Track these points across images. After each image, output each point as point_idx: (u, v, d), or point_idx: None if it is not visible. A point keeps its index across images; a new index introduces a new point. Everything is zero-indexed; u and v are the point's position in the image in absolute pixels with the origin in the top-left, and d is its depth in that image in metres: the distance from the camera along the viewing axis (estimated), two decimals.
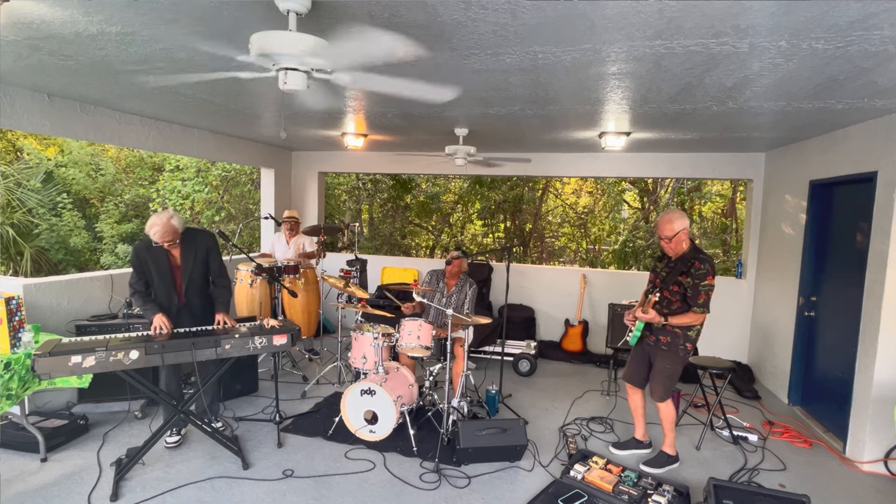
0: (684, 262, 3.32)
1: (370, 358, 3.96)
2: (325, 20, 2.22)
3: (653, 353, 3.54)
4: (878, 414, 3.65)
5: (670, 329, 3.39)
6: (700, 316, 3.26)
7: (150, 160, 11.66)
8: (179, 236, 3.41)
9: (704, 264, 3.25)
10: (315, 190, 7.50)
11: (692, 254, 3.33)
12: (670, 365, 3.45)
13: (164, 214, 3.33)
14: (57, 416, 3.75)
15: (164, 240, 3.32)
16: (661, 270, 3.51)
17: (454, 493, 3.19)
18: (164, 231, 3.29)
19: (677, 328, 3.36)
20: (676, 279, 3.34)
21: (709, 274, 3.23)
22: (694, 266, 3.26)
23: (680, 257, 3.38)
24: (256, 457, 3.51)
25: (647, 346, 3.57)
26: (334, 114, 4.43)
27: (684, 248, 3.38)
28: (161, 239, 3.30)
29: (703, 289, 3.23)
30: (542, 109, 3.87)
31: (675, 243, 3.36)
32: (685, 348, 3.40)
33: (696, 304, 3.25)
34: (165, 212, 3.37)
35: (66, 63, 3.11)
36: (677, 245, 3.37)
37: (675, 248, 3.39)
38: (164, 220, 3.30)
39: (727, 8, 1.98)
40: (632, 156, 6.21)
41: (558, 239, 13.55)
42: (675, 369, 3.46)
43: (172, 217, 3.34)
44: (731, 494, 2.98)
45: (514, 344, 5.87)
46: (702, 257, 3.29)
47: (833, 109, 3.55)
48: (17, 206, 9.25)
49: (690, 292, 3.27)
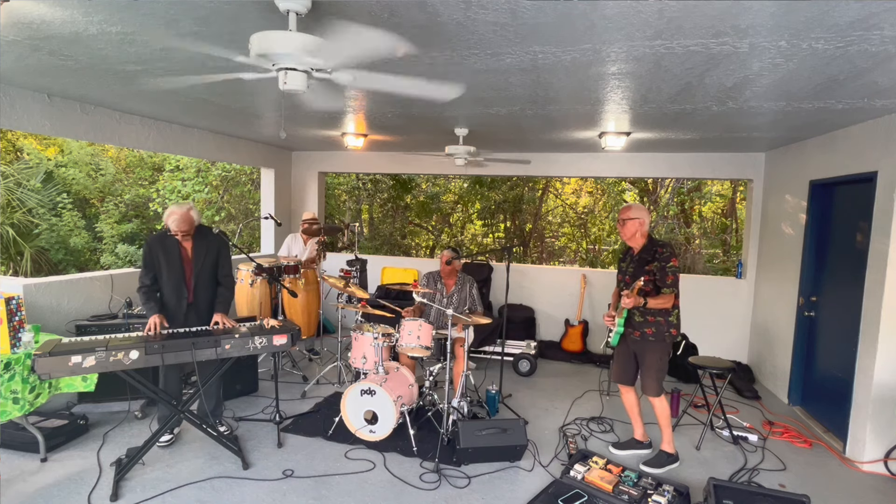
0: (647, 252, 3.55)
1: (370, 358, 3.96)
2: (326, 20, 2.21)
3: (640, 349, 3.59)
4: (878, 414, 3.65)
5: (652, 320, 3.48)
6: (670, 297, 3.42)
7: (150, 160, 11.65)
8: (194, 230, 3.50)
9: (666, 248, 3.51)
10: (315, 190, 7.50)
11: (652, 243, 3.57)
12: (660, 356, 3.53)
13: (185, 205, 3.45)
14: (57, 416, 3.74)
15: (181, 229, 3.40)
16: (627, 267, 3.66)
17: (454, 493, 3.19)
18: (182, 219, 3.38)
19: (659, 316, 3.47)
20: (644, 269, 3.49)
21: (672, 256, 3.46)
22: (657, 252, 3.50)
23: (642, 249, 3.58)
24: (256, 457, 3.51)
25: (633, 343, 3.62)
26: (334, 114, 4.43)
27: (643, 241, 3.58)
28: (178, 227, 3.38)
29: (670, 269, 3.43)
30: (542, 109, 3.87)
31: (629, 229, 3.57)
32: (670, 334, 3.49)
33: (666, 284, 3.41)
34: (185, 202, 3.45)
35: (66, 63, 3.11)
36: (631, 232, 3.57)
37: (629, 234, 3.59)
38: (184, 209, 3.42)
39: (727, 8, 1.98)
40: (632, 156, 6.21)
41: (558, 239, 13.55)
42: (664, 360, 3.56)
43: (191, 208, 3.46)
44: (731, 494, 2.98)
45: (514, 344, 5.87)
46: (661, 243, 3.55)
47: (833, 109, 3.55)
48: (17, 206, 9.25)
49: (659, 275, 3.44)
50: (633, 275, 3.54)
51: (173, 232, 3.40)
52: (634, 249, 3.63)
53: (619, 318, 3.52)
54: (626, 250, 3.76)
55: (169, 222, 3.39)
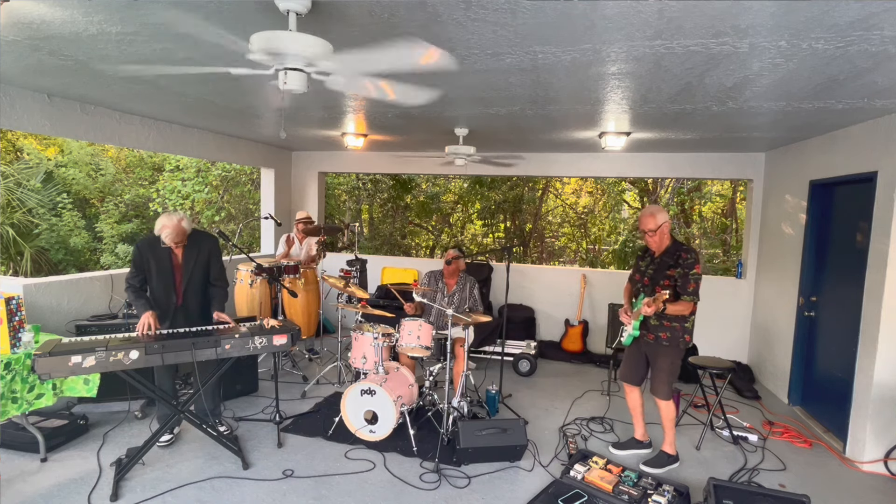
0: (670, 255, 3.44)
1: (370, 358, 3.96)
2: (326, 20, 2.21)
3: (652, 352, 3.55)
4: (878, 414, 3.65)
5: (668, 324, 3.42)
6: (690, 304, 3.34)
7: (150, 160, 11.65)
8: (186, 238, 3.46)
9: (690, 254, 3.38)
10: (315, 190, 7.50)
11: (676, 247, 3.45)
12: (672, 360, 3.49)
13: (175, 216, 3.37)
14: (57, 416, 3.74)
15: (175, 241, 3.37)
16: (646, 268, 3.57)
17: (454, 493, 3.19)
18: (175, 232, 3.35)
19: (675, 322, 3.41)
20: (665, 273, 3.41)
21: (696, 263, 3.35)
22: (681, 257, 3.38)
23: (664, 252, 3.48)
24: (256, 457, 3.51)
25: (646, 346, 3.58)
26: (334, 113, 4.43)
27: (667, 243, 3.48)
28: (172, 241, 3.36)
29: (693, 277, 3.33)
30: (542, 109, 3.87)
31: (658, 236, 3.45)
32: (684, 340, 3.44)
33: (687, 292, 3.33)
34: (175, 213, 3.40)
35: (66, 63, 3.11)
36: (661, 238, 3.46)
37: (658, 242, 3.47)
38: (175, 222, 3.35)
39: (727, 8, 1.98)
40: (632, 156, 6.21)
41: (558, 239, 13.55)
42: (676, 364, 3.51)
43: (183, 219, 3.40)
44: (731, 494, 2.98)
45: (514, 344, 5.87)
46: (686, 248, 3.43)
47: (833, 109, 3.55)
48: (17, 206, 9.25)
49: (680, 282, 3.36)
50: (652, 277, 3.47)
51: (167, 245, 3.38)
52: (656, 251, 3.53)
53: (635, 321, 3.49)
54: (645, 248, 3.65)
55: (162, 236, 3.33)
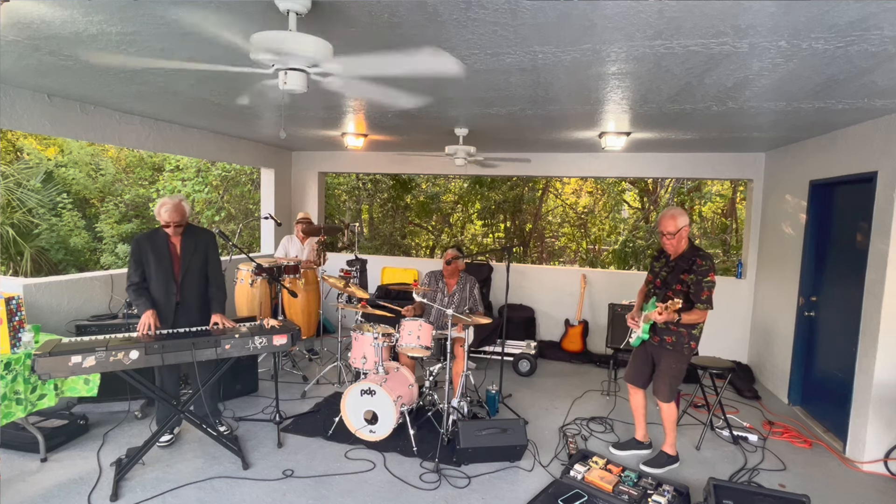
0: (685, 260, 3.37)
1: (370, 358, 3.96)
2: (326, 20, 2.21)
3: (658, 354, 3.54)
4: (878, 414, 3.65)
5: (675, 329, 3.39)
6: (704, 312, 3.29)
7: (150, 160, 11.65)
8: (184, 225, 3.50)
9: (706, 261, 3.31)
10: (315, 190, 7.50)
11: (692, 252, 3.39)
12: (676, 364, 3.45)
13: (176, 196, 3.48)
14: (57, 416, 3.74)
15: (173, 219, 3.40)
16: (660, 270, 3.53)
17: (454, 493, 3.19)
18: (174, 209, 3.40)
19: (682, 327, 3.37)
20: (679, 278, 3.36)
21: (711, 270, 3.29)
22: (696, 263, 3.31)
23: (680, 256, 3.42)
24: (256, 457, 3.51)
25: (651, 347, 3.57)
26: (334, 113, 4.43)
27: (684, 247, 3.43)
28: (170, 217, 3.39)
29: (706, 285, 3.27)
30: (542, 109, 3.87)
31: (677, 239, 3.40)
32: (689, 347, 3.41)
33: (700, 300, 3.27)
34: (177, 194, 3.44)
35: (66, 63, 3.11)
36: (679, 242, 3.41)
37: (676, 245, 3.42)
38: (176, 200, 3.46)
39: (727, 8, 1.98)
40: (632, 156, 6.21)
41: (558, 239, 13.55)
42: (680, 368, 3.47)
43: (183, 200, 3.50)
44: (731, 494, 2.98)
45: (514, 344, 5.87)
46: (702, 254, 3.35)
47: (833, 109, 3.55)
48: (17, 206, 9.24)
49: (694, 289, 3.30)
50: (665, 280, 3.44)
51: (165, 223, 3.41)
52: (672, 254, 3.48)
53: (645, 325, 3.48)
54: (661, 250, 3.59)
55: (161, 212, 3.40)
